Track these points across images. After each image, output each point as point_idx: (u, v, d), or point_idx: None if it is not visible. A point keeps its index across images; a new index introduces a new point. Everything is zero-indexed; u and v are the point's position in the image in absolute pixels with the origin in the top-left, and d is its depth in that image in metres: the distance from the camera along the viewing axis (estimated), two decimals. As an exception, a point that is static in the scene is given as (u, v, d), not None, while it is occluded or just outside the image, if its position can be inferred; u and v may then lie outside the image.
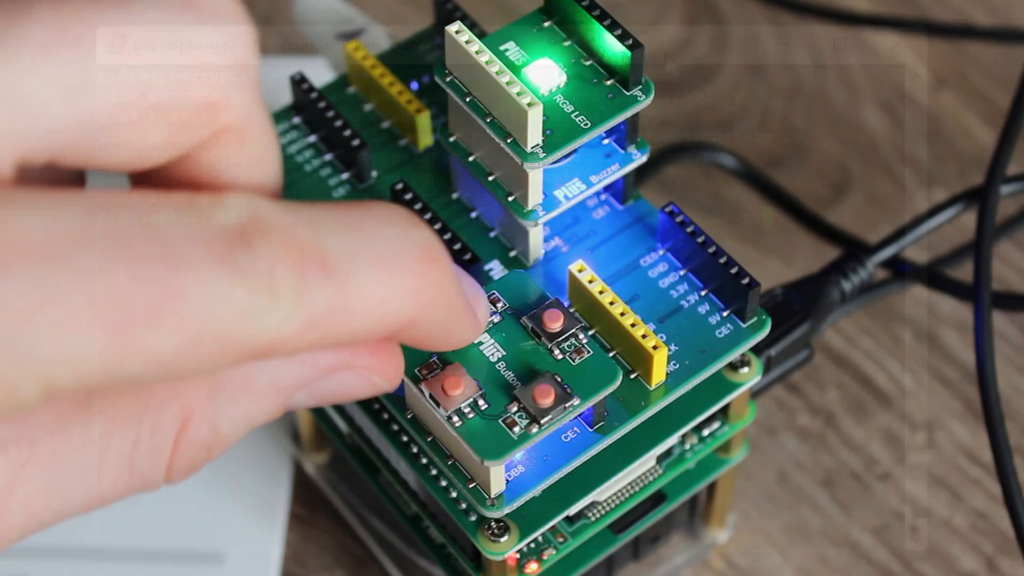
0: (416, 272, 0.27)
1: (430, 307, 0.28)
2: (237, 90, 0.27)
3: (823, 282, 0.42)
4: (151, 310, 0.24)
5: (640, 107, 0.35)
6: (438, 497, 0.36)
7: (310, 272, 0.25)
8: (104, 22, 0.25)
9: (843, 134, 0.52)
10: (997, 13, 0.55)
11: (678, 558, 0.44)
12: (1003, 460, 0.39)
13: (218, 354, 0.25)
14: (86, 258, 0.24)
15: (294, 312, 0.25)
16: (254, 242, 0.25)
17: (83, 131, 0.25)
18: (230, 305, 0.25)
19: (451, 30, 0.35)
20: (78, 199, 0.24)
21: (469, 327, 0.30)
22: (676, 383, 0.35)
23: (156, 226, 0.25)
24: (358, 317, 0.26)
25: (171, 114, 0.26)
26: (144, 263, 0.24)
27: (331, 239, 0.26)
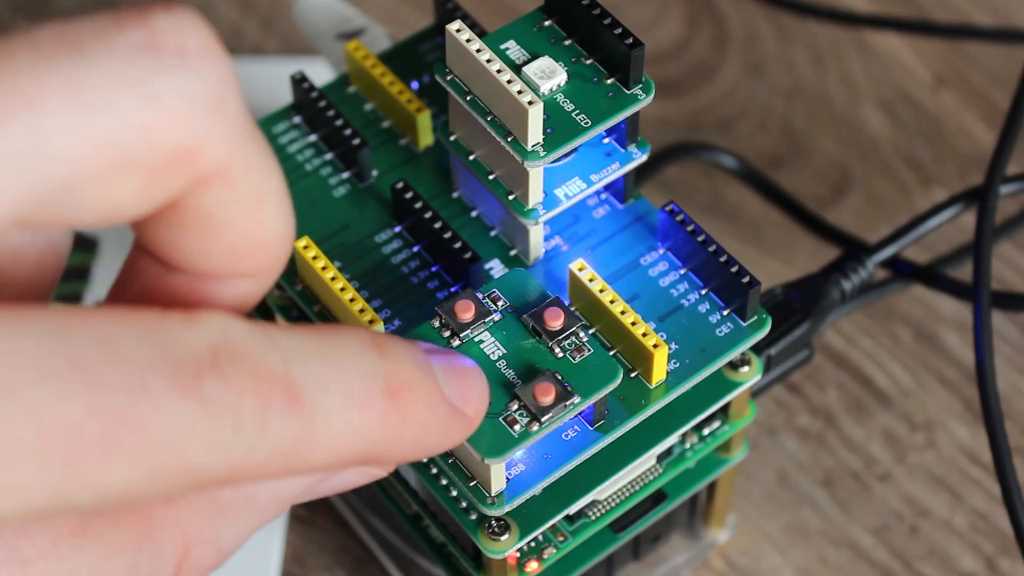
0: (380, 408, 0.26)
1: (396, 439, 0.27)
2: (213, 131, 0.25)
3: (823, 282, 0.42)
4: (105, 442, 0.23)
5: (640, 106, 0.35)
6: (438, 496, 0.36)
7: (278, 404, 0.25)
8: (57, 79, 0.23)
9: (843, 134, 0.52)
10: (997, 13, 0.55)
11: (678, 558, 0.44)
12: (1003, 460, 0.39)
13: (177, 484, 0.24)
14: (40, 389, 0.23)
15: (258, 444, 0.24)
16: (224, 370, 0.24)
17: (44, 196, 0.24)
18: (192, 435, 0.24)
19: (452, 29, 0.35)
20: (41, 321, 0.23)
21: (454, 432, 0.29)
22: (676, 382, 0.35)
23: (119, 352, 0.23)
24: (321, 451, 0.26)
25: (141, 165, 0.24)
26: (102, 393, 0.23)
27: (302, 369, 0.25)
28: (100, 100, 0.24)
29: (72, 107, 0.23)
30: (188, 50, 0.25)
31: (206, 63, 0.25)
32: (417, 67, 0.41)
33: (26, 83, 0.23)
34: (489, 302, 0.34)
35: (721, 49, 0.55)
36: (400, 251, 0.38)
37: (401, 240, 0.38)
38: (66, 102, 0.23)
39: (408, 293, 0.37)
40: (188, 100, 0.24)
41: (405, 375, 0.27)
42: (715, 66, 0.54)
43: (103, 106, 0.24)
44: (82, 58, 0.24)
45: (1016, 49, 0.54)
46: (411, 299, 0.37)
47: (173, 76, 0.24)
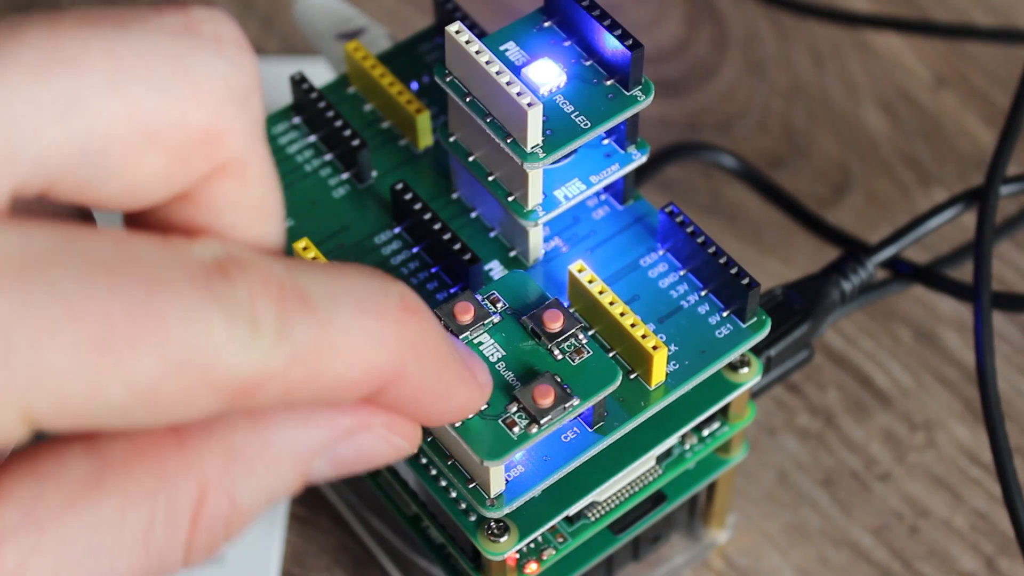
0: (397, 319, 0.26)
1: (417, 358, 0.27)
2: (239, 121, 0.26)
3: (823, 282, 0.42)
4: (132, 330, 0.23)
5: (640, 107, 0.35)
6: (438, 497, 0.36)
7: (290, 306, 0.25)
8: (99, 44, 0.25)
9: (843, 134, 0.52)
10: (997, 13, 0.55)
11: (678, 558, 0.44)
12: (1003, 460, 0.39)
13: (201, 386, 0.24)
14: (64, 272, 0.23)
15: (276, 345, 0.25)
16: (232, 274, 0.24)
17: (76, 158, 0.25)
18: (211, 333, 0.24)
19: (451, 30, 0.35)
20: (51, 226, 0.24)
21: (471, 387, 0.29)
22: (676, 383, 0.35)
23: (133, 252, 0.24)
24: (342, 359, 0.25)
25: (168, 141, 0.25)
26: (123, 281, 0.23)
27: (309, 279, 0.25)
28: (138, 68, 0.25)
29: (111, 72, 0.24)
30: (223, 39, 0.26)
31: (239, 54, 0.26)
32: (417, 68, 0.41)
33: (70, 44, 0.24)
34: (488, 304, 0.34)
35: (721, 49, 0.55)
36: (399, 252, 0.38)
37: (400, 241, 0.38)
38: (106, 65, 0.24)
39: (408, 294, 0.37)
40: (220, 83, 0.25)
41: (418, 302, 0.27)
42: (715, 66, 0.54)
43: (140, 75, 0.25)
44: (124, 31, 0.25)
45: (1016, 49, 0.54)
46: (411, 300, 0.37)
47: (208, 58, 0.25)
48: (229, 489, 0.27)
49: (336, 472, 0.28)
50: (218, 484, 0.27)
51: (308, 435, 0.27)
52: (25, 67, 0.24)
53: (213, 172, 0.26)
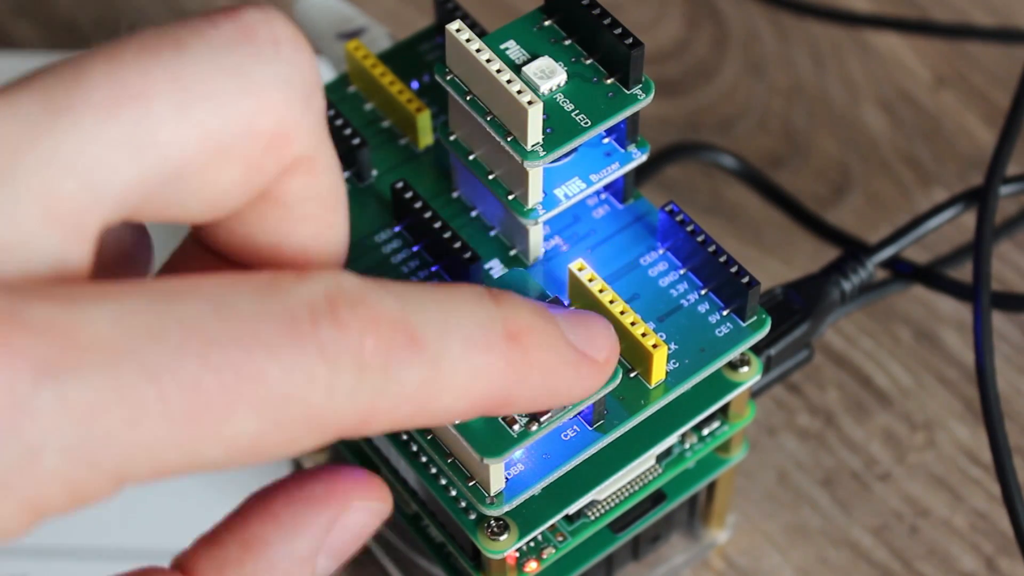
0: (503, 351, 0.27)
1: (521, 382, 0.27)
2: (304, 120, 0.26)
3: (823, 282, 0.42)
4: (226, 395, 0.24)
5: (640, 106, 0.35)
6: (437, 495, 0.36)
7: (400, 347, 0.25)
8: (162, 73, 0.25)
9: (843, 134, 0.52)
10: (997, 13, 0.55)
11: (678, 558, 0.44)
12: (1003, 460, 0.39)
13: (304, 433, 0.25)
14: (155, 349, 0.23)
15: (385, 387, 0.25)
16: (341, 315, 0.25)
17: (154, 186, 0.25)
18: (313, 383, 0.24)
19: (451, 29, 0.35)
20: (148, 289, 0.24)
21: (586, 377, 0.29)
22: (676, 382, 0.35)
23: (230, 309, 0.24)
24: (448, 395, 0.26)
25: (241, 152, 0.26)
26: (216, 348, 0.24)
27: (421, 316, 0.26)
28: (202, 89, 0.25)
29: (177, 98, 0.25)
30: (280, 40, 0.26)
31: (298, 54, 0.26)
32: (417, 67, 0.41)
33: (134, 78, 0.25)
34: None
35: (721, 49, 0.55)
36: (400, 251, 0.38)
37: (401, 240, 0.38)
38: (171, 93, 0.25)
39: (408, 293, 0.37)
40: (283, 87, 0.26)
41: (523, 320, 0.27)
42: (715, 66, 0.54)
43: (205, 95, 0.25)
44: (183, 52, 0.25)
45: (1016, 49, 0.54)
46: (411, 299, 0.37)
47: (268, 64, 0.26)
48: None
49: (339, 560, 0.28)
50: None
51: (303, 542, 0.28)
52: (95, 108, 0.24)
53: (285, 170, 0.26)
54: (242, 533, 0.27)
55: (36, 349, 0.23)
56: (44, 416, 0.23)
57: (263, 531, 0.27)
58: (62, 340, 0.23)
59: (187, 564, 0.27)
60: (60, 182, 0.24)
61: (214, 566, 0.27)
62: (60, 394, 0.23)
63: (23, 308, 0.23)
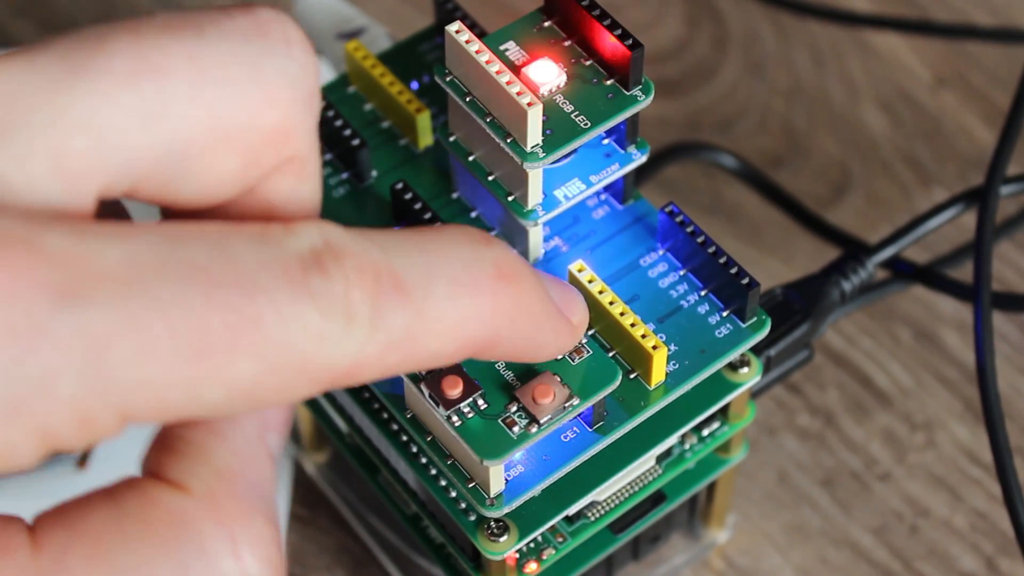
0: (492, 290, 0.27)
1: (510, 324, 0.28)
2: (305, 120, 0.27)
3: (823, 282, 0.42)
4: (229, 336, 0.24)
5: (640, 107, 0.35)
6: (437, 497, 0.36)
7: (385, 295, 0.26)
8: (182, 50, 0.26)
9: (843, 134, 0.52)
10: (997, 13, 0.55)
11: (678, 558, 0.44)
12: (1003, 460, 0.39)
13: (298, 380, 0.25)
14: (164, 284, 0.24)
15: (372, 335, 0.25)
16: (328, 266, 0.25)
17: (159, 161, 0.26)
18: (307, 330, 0.25)
19: (451, 30, 0.35)
20: (154, 230, 0.25)
21: (563, 335, 0.30)
22: (676, 383, 0.35)
23: (230, 254, 0.25)
24: (436, 338, 0.26)
25: (243, 142, 0.26)
26: (220, 289, 0.24)
27: (404, 261, 0.26)
28: (216, 73, 0.26)
29: (192, 77, 0.26)
30: (292, 40, 0.27)
31: (307, 56, 0.27)
32: (417, 67, 0.41)
33: (154, 52, 0.25)
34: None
35: (721, 49, 0.55)
36: (399, 252, 0.37)
37: (400, 241, 0.38)
38: (188, 71, 0.26)
39: (407, 294, 0.37)
40: (290, 84, 0.27)
41: (513, 265, 0.28)
42: (715, 66, 0.54)
43: (219, 79, 0.26)
44: (202, 35, 0.26)
45: (1016, 49, 0.54)
46: (410, 300, 0.37)
47: (280, 60, 0.26)
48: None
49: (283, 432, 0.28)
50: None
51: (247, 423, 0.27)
52: (114, 75, 0.25)
53: (277, 167, 0.27)
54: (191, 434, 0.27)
55: (54, 275, 0.23)
56: (61, 341, 0.23)
57: (212, 425, 0.27)
58: (78, 268, 0.23)
59: (156, 469, 0.27)
60: (71, 138, 0.25)
61: (184, 467, 0.27)
62: (76, 320, 0.23)
63: (41, 235, 0.24)
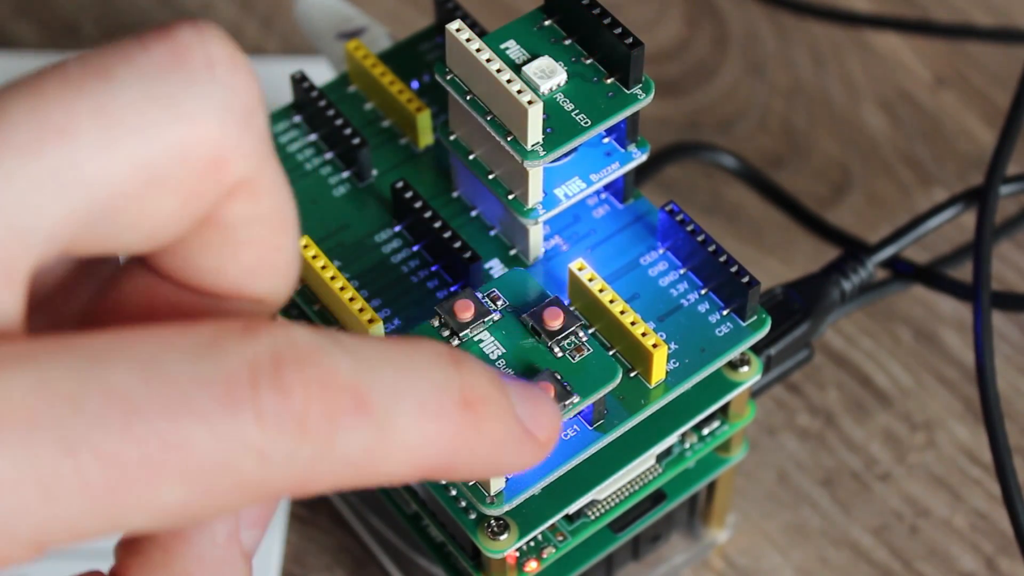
0: (455, 419, 0.25)
1: (470, 452, 0.26)
2: (243, 142, 0.25)
3: (823, 282, 0.42)
4: (148, 468, 0.23)
5: (640, 106, 0.35)
6: (437, 495, 0.36)
7: (346, 410, 0.24)
8: (86, 105, 0.24)
9: (843, 134, 0.52)
10: (997, 13, 0.55)
11: (678, 558, 0.44)
12: (1003, 460, 0.39)
13: (238, 499, 0.24)
14: (73, 420, 0.22)
15: (326, 453, 0.24)
16: (285, 377, 0.24)
17: (85, 222, 0.24)
18: (247, 450, 0.23)
19: (451, 28, 0.35)
20: (76, 350, 0.23)
21: (525, 455, 0.28)
22: (676, 381, 0.35)
23: (160, 373, 0.23)
24: (391, 461, 0.25)
25: (175, 181, 0.24)
26: (138, 418, 0.23)
27: (373, 376, 0.24)
28: (130, 121, 0.24)
29: (103, 131, 0.24)
30: (215, 62, 0.25)
31: (234, 75, 0.25)
32: (417, 67, 0.41)
33: (57, 113, 0.24)
34: (489, 301, 0.34)
35: (721, 49, 0.55)
36: (400, 250, 0.38)
37: (401, 239, 0.38)
38: (97, 127, 0.24)
39: (408, 292, 0.37)
40: (217, 112, 0.25)
41: (480, 389, 0.26)
42: (715, 66, 0.54)
43: (133, 126, 0.24)
44: (110, 82, 0.24)
45: (1016, 49, 0.54)
46: (411, 299, 0.37)
47: (201, 89, 0.24)
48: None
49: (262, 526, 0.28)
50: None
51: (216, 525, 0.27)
52: (14, 148, 0.23)
53: (225, 194, 0.25)
54: (159, 534, 0.26)
55: None
56: None
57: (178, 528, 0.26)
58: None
59: (121, 571, 0.26)
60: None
61: (145, 570, 0.26)
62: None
63: None
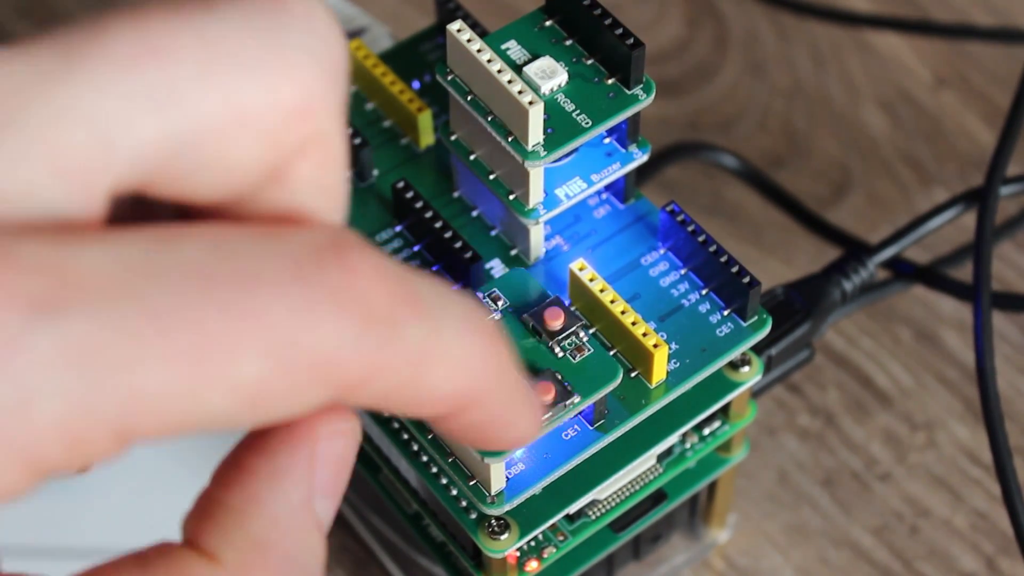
0: (492, 344, 0.25)
1: (498, 385, 0.26)
2: (329, 97, 0.25)
3: (824, 282, 0.42)
4: (229, 335, 0.22)
5: (641, 106, 0.35)
6: (438, 495, 0.36)
7: (405, 302, 0.24)
8: (189, 29, 0.24)
9: (843, 134, 0.52)
10: (997, 13, 0.55)
11: (678, 558, 0.44)
12: (1003, 460, 0.39)
13: (310, 383, 0.23)
14: (154, 287, 0.22)
15: (389, 342, 0.24)
16: (349, 259, 0.23)
17: (171, 150, 0.24)
18: (321, 326, 0.23)
19: (452, 29, 0.35)
20: (145, 233, 0.23)
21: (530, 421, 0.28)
22: (676, 382, 0.35)
23: (230, 250, 0.23)
24: (442, 370, 0.25)
25: (262, 124, 0.24)
26: (219, 286, 0.22)
27: (420, 283, 0.24)
28: (230, 53, 0.24)
29: (202, 59, 0.24)
30: (314, 14, 0.25)
31: (330, 30, 0.25)
32: (418, 67, 0.41)
33: (159, 33, 0.23)
34: (489, 301, 0.34)
35: (721, 49, 0.55)
36: (401, 250, 0.38)
37: (402, 240, 0.38)
38: (197, 54, 0.24)
39: (409, 293, 0.37)
40: (312, 61, 0.25)
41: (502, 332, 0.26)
42: (715, 66, 0.54)
43: (232, 60, 0.24)
44: (213, 13, 0.24)
45: (1016, 49, 0.54)
46: (412, 299, 0.37)
47: (299, 36, 0.25)
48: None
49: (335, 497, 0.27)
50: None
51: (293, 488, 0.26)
52: (114, 62, 0.23)
53: (299, 148, 0.25)
54: (230, 498, 0.26)
55: (29, 286, 0.22)
56: (38, 357, 0.21)
57: (251, 490, 0.26)
58: (57, 277, 0.22)
59: (192, 536, 0.26)
60: (70, 134, 0.23)
61: (218, 535, 0.26)
62: (55, 333, 0.21)
63: (13, 246, 0.22)
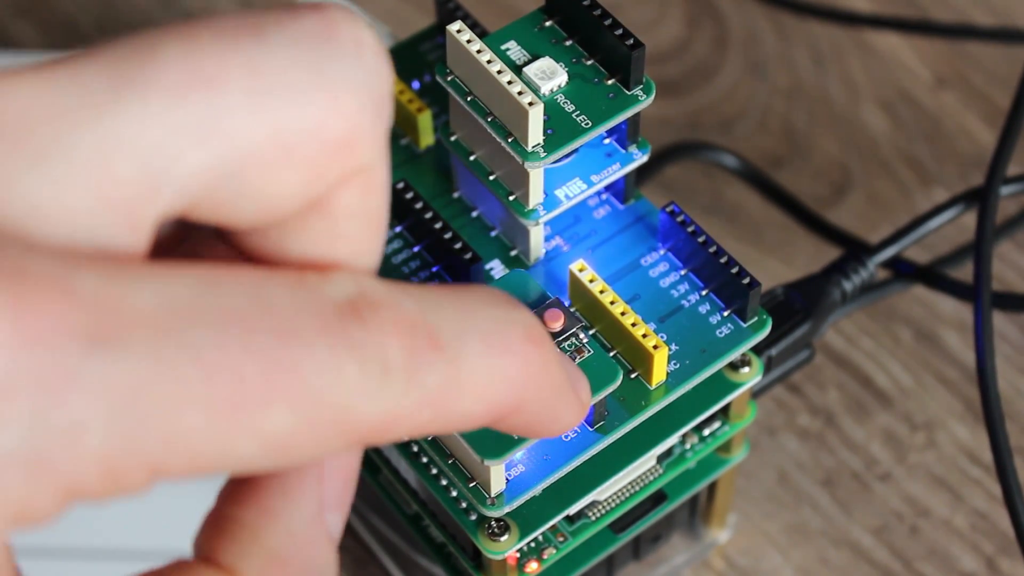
0: (522, 352, 0.26)
1: (536, 390, 0.26)
2: (375, 129, 0.25)
3: (824, 282, 0.42)
4: (265, 384, 0.23)
5: (641, 107, 0.35)
6: (438, 496, 0.36)
7: (421, 350, 0.24)
8: (239, 60, 0.24)
9: (843, 134, 0.52)
10: (997, 13, 0.55)
11: (678, 558, 0.44)
12: (1003, 460, 0.39)
13: (332, 435, 0.24)
14: (200, 330, 0.22)
15: (407, 391, 0.24)
16: (365, 317, 0.24)
17: (216, 180, 0.24)
18: (344, 382, 0.24)
19: (452, 29, 0.35)
20: (190, 273, 0.23)
21: (574, 410, 0.28)
22: (676, 383, 0.35)
23: (268, 300, 0.23)
24: (467, 398, 0.25)
25: (306, 154, 0.24)
26: (257, 336, 0.23)
27: (438, 316, 0.25)
28: (279, 83, 0.24)
29: (251, 89, 0.24)
30: (363, 44, 0.25)
31: (378, 61, 0.25)
32: (418, 67, 0.41)
33: (209, 62, 0.23)
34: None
35: (721, 49, 0.55)
36: (400, 251, 0.38)
37: (402, 240, 0.38)
38: (246, 83, 0.24)
39: (408, 293, 0.37)
40: (359, 92, 0.25)
41: (540, 330, 0.27)
42: (715, 66, 0.54)
43: (281, 89, 0.24)
44: (262, 42, 0.24)
45: (1016, 49, 0.54)
46: (411, 299, 0.37)
47: (347, 67, 0.24)
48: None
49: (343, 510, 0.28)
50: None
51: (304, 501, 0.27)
52: (164, 89, 0.23)
53: (342, 180, 0.25)
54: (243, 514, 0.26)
55: (85, 319, 0.22)
56: (91, 390, 0.22)
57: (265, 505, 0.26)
58: (110, 312, 0.22)
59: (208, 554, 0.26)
60: (117, 165, 0.23)
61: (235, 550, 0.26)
62: (107, 368, 0.22)
63: (71, 276, 0.22)
